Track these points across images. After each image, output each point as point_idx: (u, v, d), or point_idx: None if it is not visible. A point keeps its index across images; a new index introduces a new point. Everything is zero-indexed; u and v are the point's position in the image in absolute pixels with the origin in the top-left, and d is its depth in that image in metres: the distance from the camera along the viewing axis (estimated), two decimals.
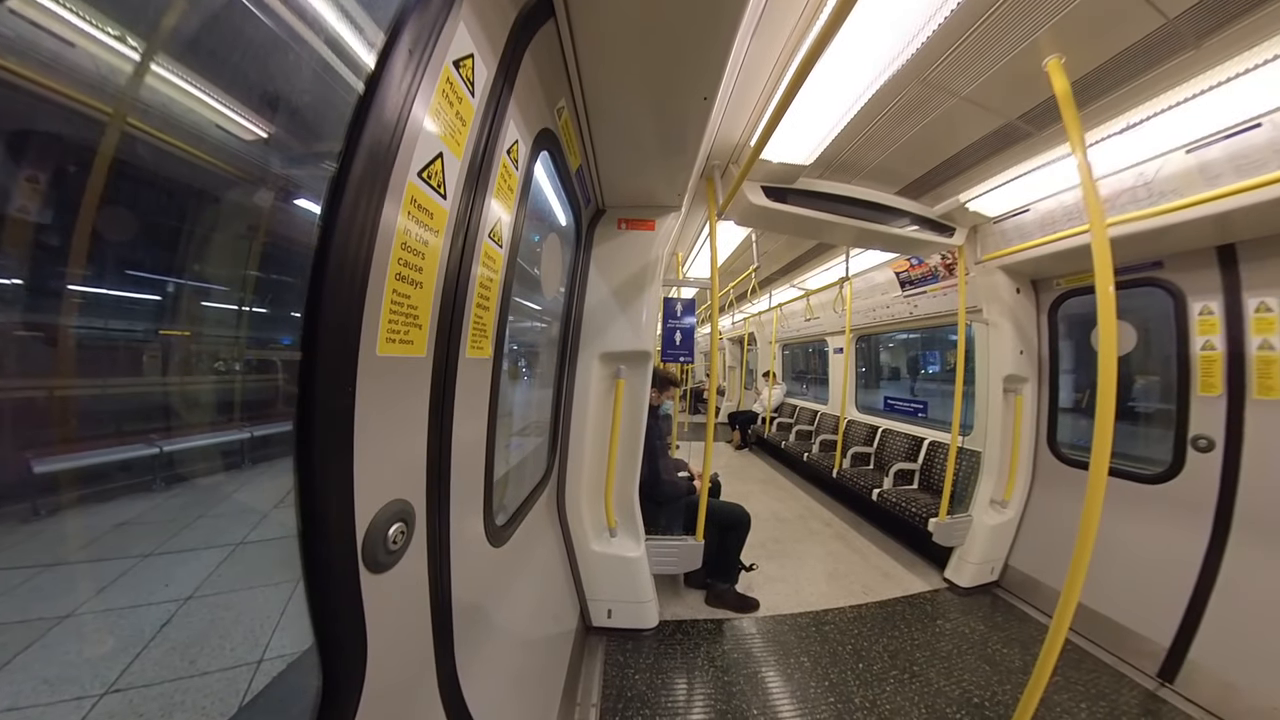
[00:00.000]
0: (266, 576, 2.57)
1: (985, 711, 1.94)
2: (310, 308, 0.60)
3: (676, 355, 2.80)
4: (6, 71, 0.69)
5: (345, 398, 0.66)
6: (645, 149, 1.78)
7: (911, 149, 2.18)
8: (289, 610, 2.31)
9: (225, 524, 2.79)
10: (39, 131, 0.85)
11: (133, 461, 2.15)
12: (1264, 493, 2.03)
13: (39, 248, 0.94)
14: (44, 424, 1.36)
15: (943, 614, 2.70)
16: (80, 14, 0.75)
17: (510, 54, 1.03)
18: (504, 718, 1.26)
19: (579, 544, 2.39)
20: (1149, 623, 2.25)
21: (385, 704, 0.80)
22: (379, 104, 0.66)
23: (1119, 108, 1.77)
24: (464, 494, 1.12)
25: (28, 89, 0.75)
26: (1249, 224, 1.97)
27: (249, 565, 2.62)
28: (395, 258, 0.72)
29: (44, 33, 0.73)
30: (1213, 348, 2.23)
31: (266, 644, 2.08)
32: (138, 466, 2.25)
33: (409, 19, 0.70)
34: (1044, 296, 3.10)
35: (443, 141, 0.81)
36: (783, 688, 2.07)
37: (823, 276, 5.04)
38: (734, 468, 6.39)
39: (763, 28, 1.44)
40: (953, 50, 1.52)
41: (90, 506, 2.16)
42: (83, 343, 1.27)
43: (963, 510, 3.11)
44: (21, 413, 1.23)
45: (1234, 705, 1.91)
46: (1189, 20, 1.37)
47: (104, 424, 1.78)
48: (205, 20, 0.91)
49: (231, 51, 0.96)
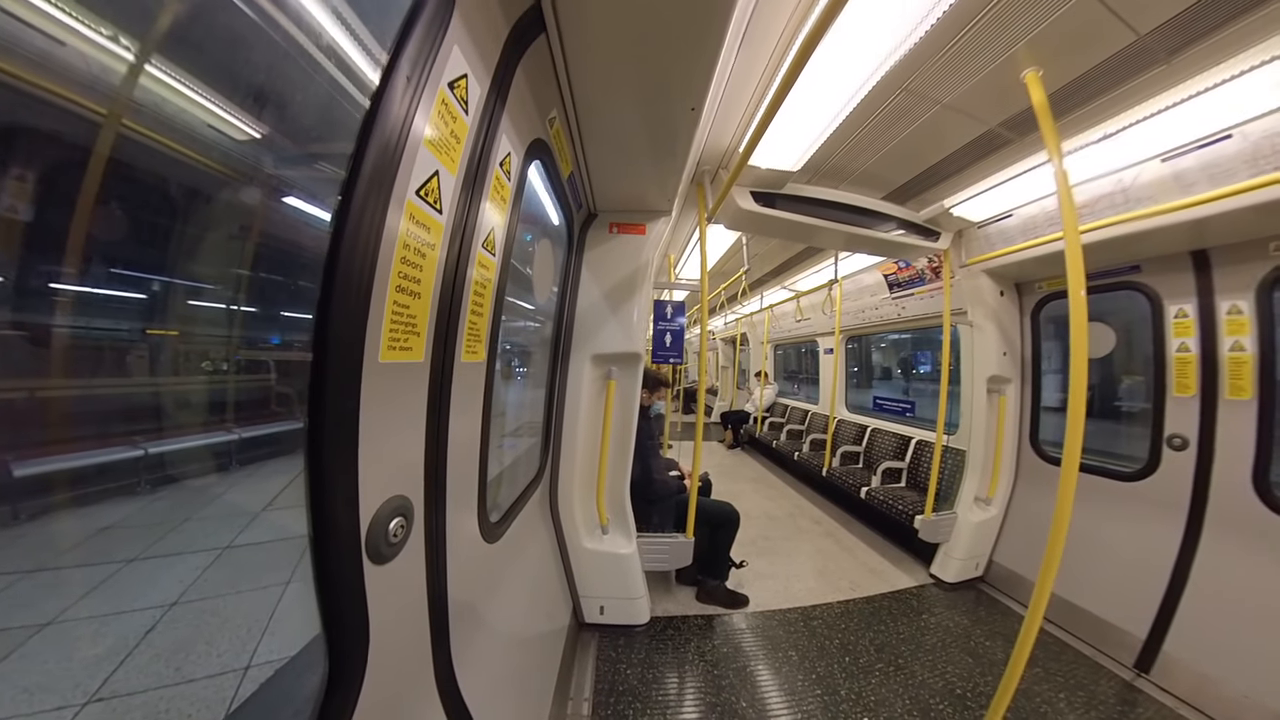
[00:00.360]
0: (254, 580, 2.53)
1: (967, 702, 1.99)
2: (320, 320, 0.65)
3: (666, 357, 2.84)
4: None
5: (351, 402, 0.71)
6: (635, 156, 1.81)
7: (897, 155, 2.23)
8: (277, 615, 2.28)
9: (212, 527, 2.75)
10: (30, 130, 0.86)
11: (117, 464, 2.11)
12: (1234, 490, 2.10)
13: (21, 246, 0.94)
14: (24, 425, 1.34)
15: (928, 609, 2.76)
16: (76, 15, 0.77)
17: (503, 71, 1.06)
18: (497, 708, 1.29)
19: (571, 541, 2.42)
20: (1126, 616, 2.32)
21: (386, 687, 0.85)
22: (379, 128, 0.70)
23: (1096, 118, 1.83)
24: (459, 491, 1.16)
25: (23, 88, 0.76)
26: (1221, 230, 2.04)
27: (236, 569, 2.57)
28: (396, 271, 0.76)
29: (43, 34, 0.74)
30: (1187, 350, 2.30)
31: (254, 650, 2.06)
32: (122, 469, 2.21)
33: (406, 44, 0.74)
34: (1026, 299, 3.18)
35: (438, 160, 0.85)
36: (771, 681, 2.11)
37: (813, 278, 5.11)
38: (726, 467, 6.44)
39: (750, 38, 1.48)
40: (935, 60, 1.56)
41: (73, 510, 2.12)
42: (65, 342, 1.27)
43: (948, 508, 3.18)
44: (1, 414, 1.22)
45: (1206, 694, 1.98)
46: (1160, 37, 1.43)
47: (87, 425, 1.75)
48: (208, 32, 0.92)
49: (242, 66, 0.98)
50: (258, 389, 2.17)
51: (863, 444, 4.76)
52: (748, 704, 1.97)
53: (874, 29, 1.39)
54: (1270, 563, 1.94)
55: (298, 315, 1.75)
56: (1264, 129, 1.65)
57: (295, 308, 1.74)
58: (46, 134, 0.87)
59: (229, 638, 2.10)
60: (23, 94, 0.78)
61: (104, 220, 1.04)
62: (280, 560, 2.71)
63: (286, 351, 2.17)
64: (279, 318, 2.00)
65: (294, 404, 2.09)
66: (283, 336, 2.17)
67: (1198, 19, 1.36)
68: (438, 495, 1.03)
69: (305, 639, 1.77)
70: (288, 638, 2.12)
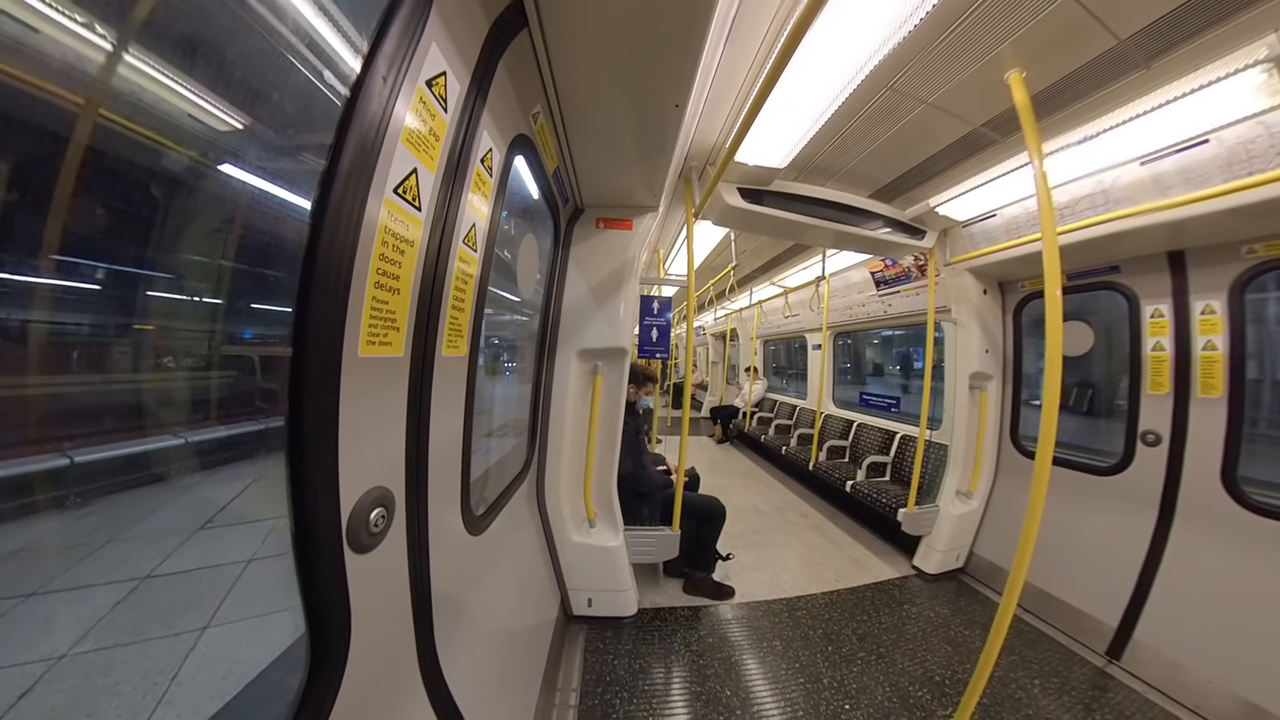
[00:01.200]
0: (166, 625, 2.08)
1: (946, 689, 2.05)
2: (299, 316, 0.66)
3: (653, 352, 2.85)
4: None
5: (331, 395, 0.72)
6: (621, 152, 1.81)
7: (883, 154, 2.25)
8: (182, 675, 1.83)
9: (136, 551, 2.27)
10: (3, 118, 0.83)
11: (38, 475, 1.59)
12: (1204, 485, 2.17)
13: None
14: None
15: (910, 599, 2.83)
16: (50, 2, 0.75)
17: (483, 67, 1.06)
18: (483, 697, 1.31)
19: (559, 535, 2.44)
20: (1099, 605, 2.40)
21: (369, 673, 0.86)
22: (356, 127, 0.70)
23: (1077, 120, 1.86)
24: (441, 483, 1.17)
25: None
26: (1197, 232, 2.09)
27: (149, 608, 2.14)
28: (374, 268, 0.77)
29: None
30: (1162, 349, 2.36)
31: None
32: (46, 481, 1.65)
33: (383, 43, 0.74)
34: (1009, 298, 3.23)
35: (417, 158, 0.85)
36: (756, 670, 2.15)
37: (801, 275, 5.14)
38: (715, 461, 6.49)
39: (735, 35, 1.48)
40: (920, 59, 1.58)
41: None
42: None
43: (930, 501, 3.24)
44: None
45: (1174, 680, 2.06)
46: (1139, 42, 1.45)
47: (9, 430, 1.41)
48: (187, 28, 0.91)
49: (220, 56, 0.96)
50: (212, 387, 1.84)
51: (849, 439, 4.82)
52: (732, 693, 2.00)
53: (859, 27, 1.40)
54: (1236, 554, 2.01)
55: (269, 308, 1.65)
56: (1238, 135, 1.70)
57: (270, 301, 1.65)
58: (18, 123, 0.85)
59: (117, 706, 1.69)
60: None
61: (75, 210, 1.02)
62: (204, 596, 2.30)
63: (250, 347, 1.89)
64: (250, 312, 1.78)
65: (255, 402, 1.93)
66: (254, 331, 1.96)
67: (1175, 25, 1.39)
68: (419, 486, 1.04)
69: (210, 711, 1.62)
70: (190, 703, 1.72)
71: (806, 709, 1.93)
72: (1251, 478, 2.07)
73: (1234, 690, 1.88)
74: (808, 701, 1.97)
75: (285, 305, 0.69)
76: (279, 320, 0.91)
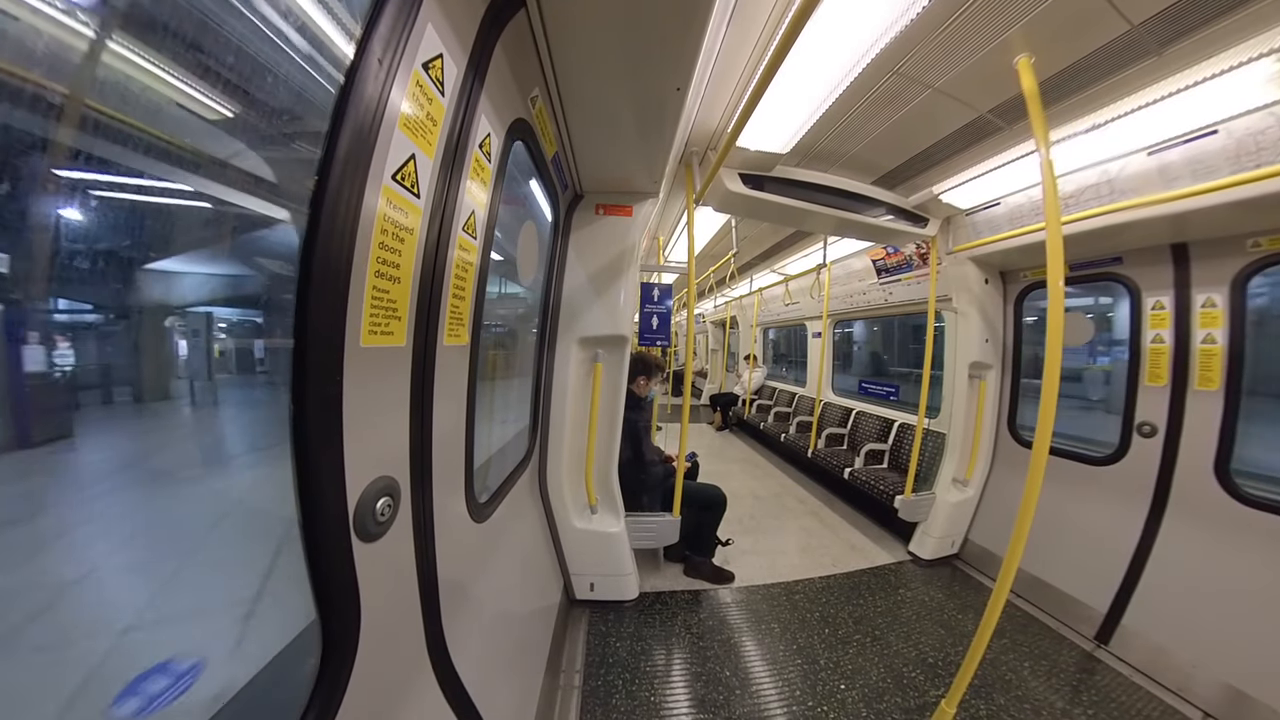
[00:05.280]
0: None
1: (938, 670, 2.10)
2: (300, 308, 0.66)
3: (654, 339, 2.85)
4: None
5: (334, 386, 0.72)
6: (621, 137, 1.78)
7: (887, 140, 2.22)
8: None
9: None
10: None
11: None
12: (1197, 476, 2.19)
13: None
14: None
15: (905, 584, 2.88)
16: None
17: (480, 49, 1.04)
18: (491, 680, 1.34)
19: (561, 521, 2.46)
20: (1090, 591, 2.44)
21: (380, 660, 0.88)
22: (352, 113, 0.69)
23: (1085, 108, 1.84)
24: (446, 471, 1.17)
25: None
26: (1202, 225, 2.07)
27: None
28: (374, 257, 0.76)
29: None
30: (1161, 341, 2.36)
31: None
32: None
33: (378, 25, 0.72)
34: (1011, 288, 3.22)
35: (415, 144, 0.84)
36: (754, 651, 2.20)
37: (801, 262, 5.11)
38: (715, 448, 6.53)
39: (738, 17, 1.45)
40: (926, 43, 1.55)
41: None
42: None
43: (927, 488, 3.27)
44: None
45: (1159, 664, 2.11)
46: (1152, 28, 1.43)
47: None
48: (170, 12, 0.88)
49: (209, 47, 0.93)
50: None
51: (848, 426, 4.85)
52: (731, 673, 2.05)
53: (866, 8, 1.37)
54: (1226, 544, 2.04)
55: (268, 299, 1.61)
56: (1248, 126, 1.67)
57: (269, 295, 1.61)
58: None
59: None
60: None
61: (56, 204, 0.99)
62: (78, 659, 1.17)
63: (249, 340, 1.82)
64: (248, 304, 1.73)
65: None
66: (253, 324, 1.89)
67: (1190, 11, 1.36)
68: (424, 475, 1.04)
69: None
70: None
71: (803, 689, 1.97)
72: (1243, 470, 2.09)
73: (1216, 675, 1.93)
74: (805, 682, 2.01)
75: (285, 297, 0.69)
76: (280, 309, 0.89)
